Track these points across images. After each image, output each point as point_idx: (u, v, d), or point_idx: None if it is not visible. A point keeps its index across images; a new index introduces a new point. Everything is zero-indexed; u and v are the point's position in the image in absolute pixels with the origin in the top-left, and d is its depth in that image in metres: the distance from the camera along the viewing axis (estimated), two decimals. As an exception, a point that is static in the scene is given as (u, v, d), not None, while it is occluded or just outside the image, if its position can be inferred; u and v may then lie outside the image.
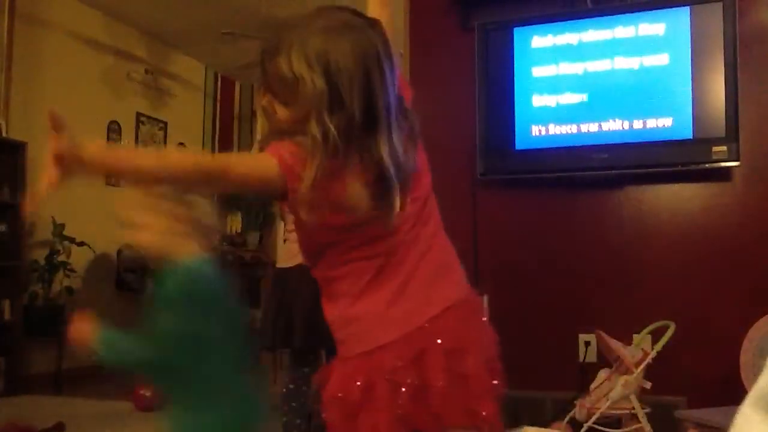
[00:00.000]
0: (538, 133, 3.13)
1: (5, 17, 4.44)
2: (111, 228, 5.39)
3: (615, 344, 2.62)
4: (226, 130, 6.76)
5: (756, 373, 2.37)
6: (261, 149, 1.28)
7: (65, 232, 4.52)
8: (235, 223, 6.34)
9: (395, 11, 3.77)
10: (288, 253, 2.47)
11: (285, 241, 2.49)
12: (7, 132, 4.33)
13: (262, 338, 2.46)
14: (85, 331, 1.40)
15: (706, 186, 2.98)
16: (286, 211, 2.25)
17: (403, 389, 1.22)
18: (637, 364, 2.53)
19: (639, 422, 2.53)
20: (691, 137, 2.84)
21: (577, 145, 3.06)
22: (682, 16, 2.90)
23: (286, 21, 1.28)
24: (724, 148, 2.78)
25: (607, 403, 2.52)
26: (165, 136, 5.91)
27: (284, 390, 2.37)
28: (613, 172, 2.99)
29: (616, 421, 2.61)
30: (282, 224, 2.63)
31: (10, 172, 4.23)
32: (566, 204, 3.18)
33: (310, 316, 2.31)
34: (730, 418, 0.68)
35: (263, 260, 4.97)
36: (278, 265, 2.48)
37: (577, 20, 3.10)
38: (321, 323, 2.28)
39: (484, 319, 1.48)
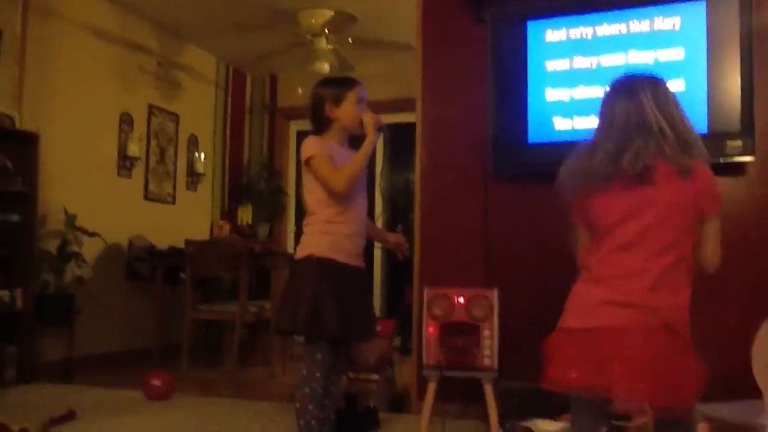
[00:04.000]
0: (551, 127, 3.13)
1: (18, 10, 4.45)
2: (122, 218, 5.45)
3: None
4: (238, 122, 6.77)
5: (768, 368, 2.35)
6: None
7: (77, 223, 4.54)
8: (246, 215, 6.36)
9: (408, 3, 3.78)
10: (301, 243, 2.49)
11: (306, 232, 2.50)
12: (20, 123, 4.35)
13: (280, 323, 2.49)
14: None
15: (721, 180, 2.93)
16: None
17: None
18: (648, 359, 2.52)
19: (648, 415, 2.52)
20: (705, 132, 2.82)
21: (589, 139, 3.05)
22: (698, 9, 2.88)
23: None
24: (739, 142, 2.77)
25: (617, 397, 2.51)
26: (177, 128, 5.93)
27: (298, 375, 2.40)
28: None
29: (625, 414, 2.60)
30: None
31: (23, 163, 4.25)
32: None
33: (321, 304, 2.33)
34: (739, 412, 0.68)
35: (273, 251, 4.98)
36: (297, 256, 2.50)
37: (591, 14, 3.09)
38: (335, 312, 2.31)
39: None
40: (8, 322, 4.09)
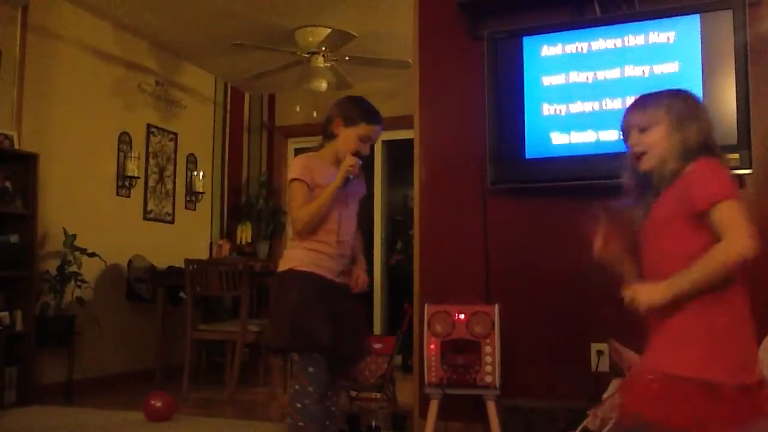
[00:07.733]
0: (548, 142, 3.13)
1: (17, 30, 4.48)
2: (121, 238, 5.44)
3: (628, 353, 2.60)
4: (236, 140, 6.79)
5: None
6: None
7: (76, 243, 4.54)
8: (245, 234, 6.35)
9: (405, 21, 3.80)
10: (282, 258, 2.50)
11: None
12: (19, 144, 4.36)
13: (269, 341, 2.49)
14: None
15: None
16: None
17: None
18: (651, 374, 2.51)
19: (653, 432, 2.50)
20: (702, 145, 2.82)
21: (587, 153, 3.05)
22: (692, 23, 2.89)
23: None
24: (736, 155, 2.77)
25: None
26: (175, 147, 5.94)
27: (291, 390, 2.38)
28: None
29: (630, 431, 2.58)
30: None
31: (22, 184, 4.26)
32: (577, 212, 3.16)
33: (305, 318, 2.32)
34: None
35: (273, 270, 4.96)
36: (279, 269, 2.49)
37: (586, 29, 3.11)
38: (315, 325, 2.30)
39: None
40: (8, 344, 4.07)
